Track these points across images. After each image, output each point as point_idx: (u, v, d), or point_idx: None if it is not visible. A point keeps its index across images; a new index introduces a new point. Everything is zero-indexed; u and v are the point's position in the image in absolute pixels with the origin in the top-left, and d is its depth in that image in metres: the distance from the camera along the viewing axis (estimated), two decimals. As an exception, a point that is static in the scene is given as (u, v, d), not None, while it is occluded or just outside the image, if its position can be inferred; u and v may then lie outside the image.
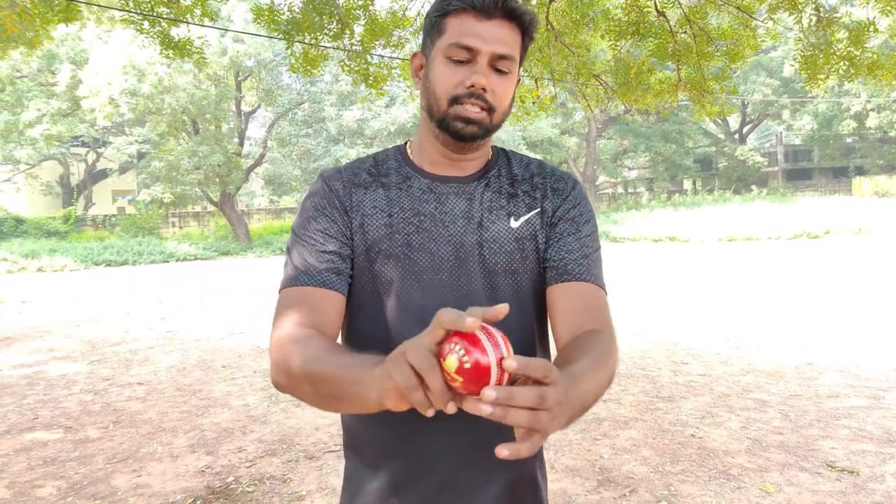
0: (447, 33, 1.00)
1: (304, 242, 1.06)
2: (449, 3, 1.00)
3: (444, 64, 1.01)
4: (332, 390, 0.85)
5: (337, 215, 1.07)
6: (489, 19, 0.99)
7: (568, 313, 1.04)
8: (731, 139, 38.28)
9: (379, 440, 1.08)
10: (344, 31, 4.90)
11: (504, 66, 1.00)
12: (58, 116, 22.66)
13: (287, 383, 0.94)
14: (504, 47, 0.99)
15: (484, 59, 0.99)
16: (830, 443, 3.67)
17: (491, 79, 1.00)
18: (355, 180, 1.10)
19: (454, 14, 1.00)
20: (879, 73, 5.14)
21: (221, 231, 25.84)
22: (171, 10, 4.68)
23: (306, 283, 1.02)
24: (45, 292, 12.97)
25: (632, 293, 9.84)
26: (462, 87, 0.99)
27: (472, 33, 0.98)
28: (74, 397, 5.14)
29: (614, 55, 5.66)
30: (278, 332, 0.98)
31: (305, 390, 0.91)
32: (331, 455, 3.75)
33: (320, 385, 0.87)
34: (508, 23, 1.00)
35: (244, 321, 8.57)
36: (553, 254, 1.09)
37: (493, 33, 0.99)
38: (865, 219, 20.53)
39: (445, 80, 1.01)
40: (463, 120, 1.00)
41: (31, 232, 23.51)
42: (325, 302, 1.02)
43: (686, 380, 5.09)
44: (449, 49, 1.00)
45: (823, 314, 7.55)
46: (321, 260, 1.04)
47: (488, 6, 0.98)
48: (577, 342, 0.99)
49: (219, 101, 22.19)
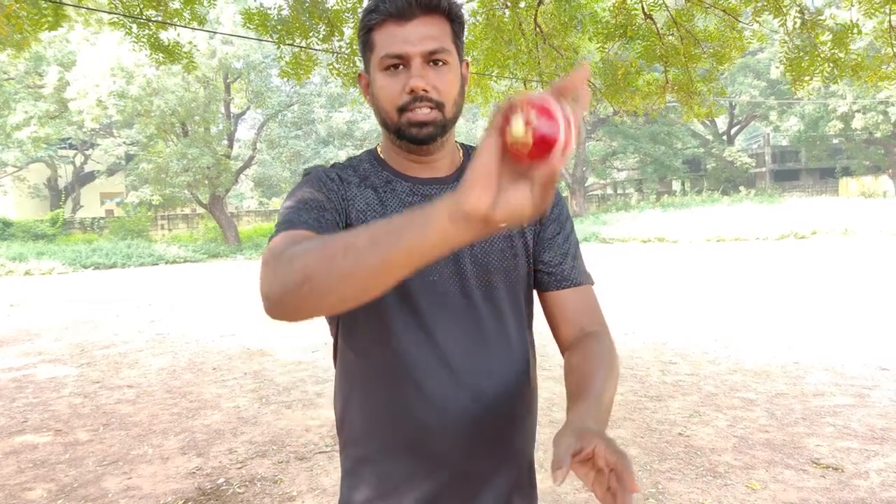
0: (377, 47, 1.02)
1: (300, 207, 0.98)
2: (370, 19, 1.02)
3: (383, 77, 1.02)
4: (382, 236, 0.67)
5: (334, 197, 1.04)
6: (409, 20, 1.00)
7: (571, 318, 1.12)
8: (720, 140, 38.54)
9: (384, 437, 1.08)
10: (333, 34, 4.92)
11: (439, 58, 1.01)
12: (45, 119, 22.51)
13: (301, 277, 0.74)
14: (432, 42, 1.00)
15: (416, 60, 1.00)
16: (816, 440, 3.72)
17: (429, 76, 1.01)
18: (345, 177, 1.10)
19: (377, 27, 1.02)
20: (864, 75, 5.21)
21: (211, 233, 25.74)
22: (160, 14, 4.68)
23: (307, 228, 0.93)
24: (33, 296, 12.88)
25: (621, 294, 9.89)
26: (404, 94, 1.01)
27: (397, 40, 1.00)
28: (64, 400, 5.12)
29: (602, 57, 5.70)
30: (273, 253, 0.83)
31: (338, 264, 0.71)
32: (321, 456, 3.76)
33: (359, 242, 0.69)
34: (430, 17, 1.01)
35: (234, 323, 8.55)
36: (549, 257, 1.13)
37: (417, 33, 1.00)
38: (852, 219, 20.71)
39: (387, 91, 1.02)
40: (416, 125, 1.02)
41: (18, 235, 23.31)
42: None
43: (674, 379, 5.14)
44: (382, 61, 1.01)
45: (810, 314, 7.63)
46: (320, 219, 0.97)
47: (404, 9, 0.99)
48: (586, 349, 1.06)
49: (208, 103, 22.12)
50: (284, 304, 0.78)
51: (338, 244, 0.72)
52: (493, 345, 1.07)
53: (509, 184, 0.60)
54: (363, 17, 1.04)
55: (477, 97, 6.33)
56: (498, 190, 0.60)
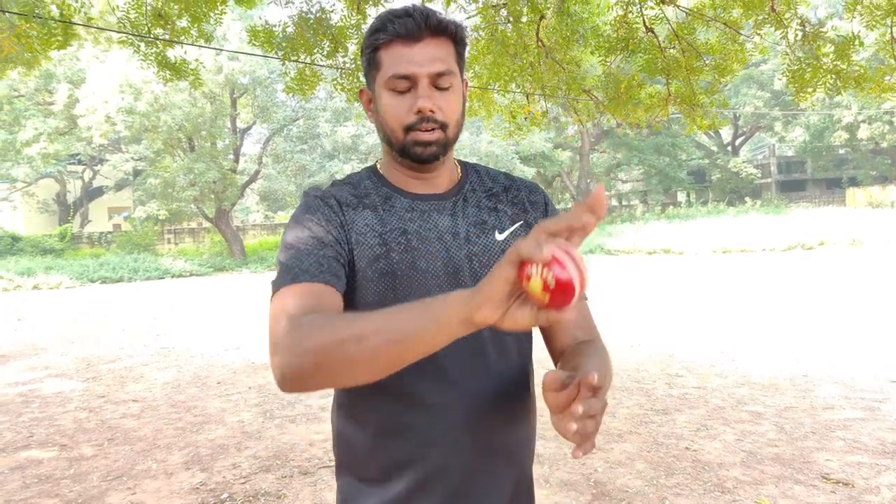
0: (383, 67, 1.03)
1: (298, 248, 1.01)
2: (377, 38, 1.03)
3: (389, 97, 1.04)
4: (394, 335, 0.76)
5: (332, 226, 1.05)
6: (417, 42, 1.01)
7: (563, 330, 1.12)
8: (724, 151, 38.54)
9: (385, 454, 1.08)
10: (337, 50, 4.96)
11: (444, 81, 1.03)
12: (55, 135, 22.74)
13: (313, 361, 0.81)
14: (439, 64, 1.02)
15: (423, 82, 1.02)
16: (825, 455, 3.68)
17: (435, 98, 1.03)
18: (343, 199, 1.10)
19: (384, 46, 1.03)
20: (867, 86, 5.20)
21: (216, 247, 25.83)
22: (167, 32, 4.73)
23: (307, 280, 0.97)
24: (40, 310, 12.94)
25: (626, 306, 9.86)
26: (411, 114, 1.03)
27: (404, 61, 1.01)
28: (69, 415, 5.13)
29: (604, 70, 5.72)
30: (288, 322, 0.88)
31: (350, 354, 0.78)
32: (325, 470, 3.74)
33: (373, 336, 0.77)
34: (437, 39, 1.03)
35: (239, 337, 8.56)
36: None
37: (425, 54, 1.01)
38: (860, 230, 20.63)
39: (394, 111, 1.04)
40: (421, 144, 1.04)
41: (27, 250, 23.45)
42: (330, 296, 0.97)
43: (681, 392, 5.11)
44: (389, 82, 1.03)
45: (818, 326, 7.58)
46: (320, 262, 0.99)
47: (413, 31, 1.01)
48: (578, 347, 1.06)
49: (214, 119, 22.29)
50: (300, 385, 0.86)
51: (350, 331, 0.79)
52: (492, 358, 1.08)
53: (518, 304, 0.70)
54: (370, 36, 1.05)
55: (480, 111, 6.35)
56: (507, 309, 0.70)
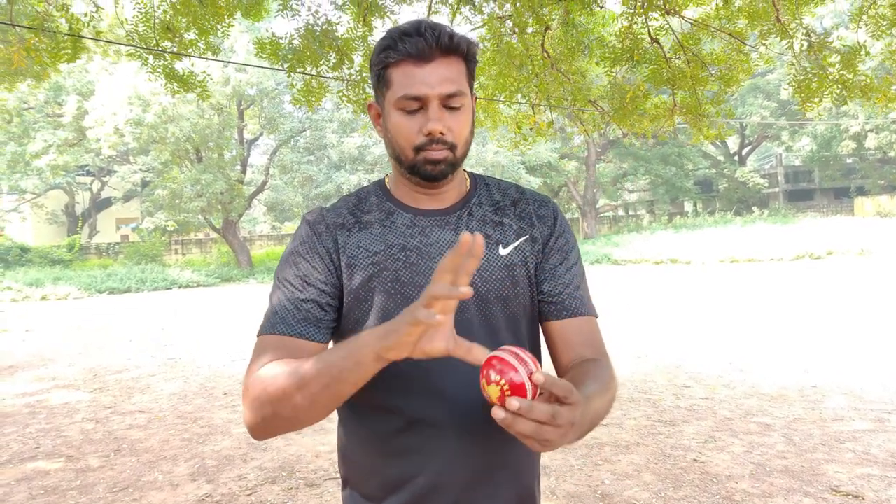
0: (394, 85, 1.02)
1: (284, 289, 1.07)
2: (388, 56, 1.02)
3: (399, 116, 1.03)
4: (325, 379, 0.87)
5: (318, 260, 1.08)
6: (428, 62, 1.00)
7: (569, 347, 1.11)
8: (731, 161, 38.46)
9: (385, 471, 1.08)
10: (343, 62, 4.99)
11: (455, 102, 1.03)
12: (64, 146, 22.93)
13: (271, 411, 0.94)
14: (450, 85, 1.01)
15: (434, 102, 1.01)
16: (835, 467, 3.65)
17: (445, 118, 1.02)
18: (339, 221, 1.11)
19: (394, 65, 1.02)
20: (873, 96, 5.19)
21: (224, 258, 25.93)
22: (175, 45, 4.77)
23: (283, 333, 1.03)
24: (48, 320, 12.99)
25: (633, 316, 9.82)
26: (421, 135, 1.02)
27: (416, 82, 1.00)
28: (76, 426, 5.14)
29: (610, 81, 5.73)
30: (252, 375, 0.99)
31: (296, 402, 0.90)
32: (331, 482, 3.73)
33: (312, 383, 0.88)
34: (448, 58, 1.02)
35: (245, 348, 8.56)
36: (549, 288, 1.13)
37: (437, 75, 1.00)
38: (868, 239, 20.51)
39: (405, 131, 1.04)
40: (431, 163, 1.04)
41: (35, 261, 23.59)
42: (301, 350, 1.02)
43: (688, 403, 5.07)
44: (399, 101, 1.02)
45: (827, 336, 7.52)
46: (299, 309, 1.05)
47: (424, 51, 1.00)
48: (581, 367, 1.05)
49: (222, 130, 22.42)
50: (267, 433, 0.99)
51: (294, 380, 0.90)
52: None
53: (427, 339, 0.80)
54: (379, 53, 1.04)
55: (486, 122, 6.37)
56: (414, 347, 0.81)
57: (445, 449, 1.04)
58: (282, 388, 0.91)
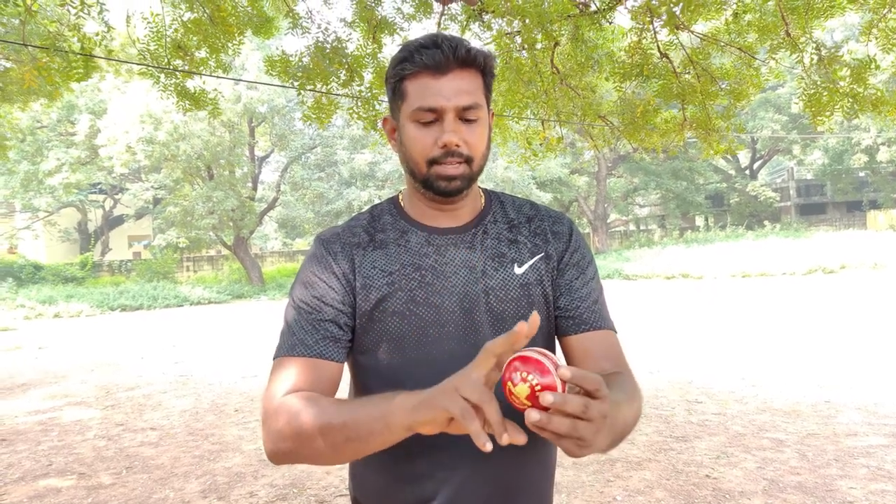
0: (409, 98, 1.01)
1: (301, 310, 1.05)
2: (403, 68, 1.01)
3: (414, 128, 1.02)
4: (352, 433, 0.86)
5: (334, 280, 1.06)
6: (445, 74, 0.99)
7: (589, 361, 1.08)
8: (742, 175, 38.31)
9: (398, 496, 1.07)
10: (353, 79, 5.04)
11: (471, 114, 1.01)
12: (76, 165, 23.18)
13: (291, 447, 0.93)
14: (467, 97, 1.00)
15: (450, 115, 1.00)
16: (849, 483, 3.59)
17: (461, 131, 1.01)
18: (353, 241, 1.10)
19: (410, 77, 1.01)
20: (884, 109, 5.17)
21: (235, 274, 26.01)
22: (187, 63, 4.84)
23: (302, 354, 1.01)
24: (61, 338, 13.08)
25: (645, 331, 9.76)
26: (436, 148, 1.01)
27: (431, 93, 0.99)
28: (88, 443, 5.15)
29: (619, 96, 5.75)
30: (274, 401, 0.97)
31: (317, 446, 0.90)
32: (342, 499, 3.72)
33: (336, 433, 0.87)
34: (464, 71, 1.01)
35: (257, 364, 8.57)
36: (566, 303, 1.11)
37: (453, 87, 0.99)
38: (882, 253, 20.29)
39: (419, 144, 1.02)
40: (445, 178, 1.02)
41: (48, 278, 23.77)
42: (321, 371, 1.01)
43: (700, 419, 5.02)
44: (415, 114, 1.01)
45: (840, 351, 7.44)
46: (317, 329, 1.03)
47: (440, 63, 0.98)
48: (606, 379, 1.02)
49: (233, 147, 22.60)
50: (284, 461, 0.97)
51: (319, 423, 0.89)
52: None
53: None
54: (395, 65, 1.03)
55: (496, 137, 6.40)
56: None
57: (459, 474, 1.03)
58: (305, 429, 0.90)
